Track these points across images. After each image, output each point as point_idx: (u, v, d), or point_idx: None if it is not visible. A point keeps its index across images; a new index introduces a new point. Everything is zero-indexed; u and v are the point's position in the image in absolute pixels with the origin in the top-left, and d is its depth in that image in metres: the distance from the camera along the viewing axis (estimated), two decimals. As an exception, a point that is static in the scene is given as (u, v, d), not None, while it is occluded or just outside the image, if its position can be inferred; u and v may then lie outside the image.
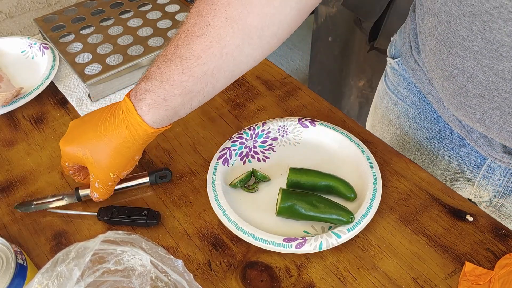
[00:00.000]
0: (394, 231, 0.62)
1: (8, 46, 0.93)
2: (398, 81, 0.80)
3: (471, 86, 0.56)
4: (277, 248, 0.58)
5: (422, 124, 0.78)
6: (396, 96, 0.80)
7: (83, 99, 0.84)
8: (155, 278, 0.47)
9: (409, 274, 0.58)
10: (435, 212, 0.64)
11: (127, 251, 0.46)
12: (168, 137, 0.76)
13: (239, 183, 0.66)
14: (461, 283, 0.56)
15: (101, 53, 0.86)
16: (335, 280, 0.58)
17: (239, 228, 0.60)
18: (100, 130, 0.59)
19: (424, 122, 0.77)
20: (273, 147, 0.73)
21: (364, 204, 0.62)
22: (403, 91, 0.79)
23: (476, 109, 0.58)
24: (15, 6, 1.64)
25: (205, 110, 0.80)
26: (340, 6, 1.54)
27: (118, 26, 0.93)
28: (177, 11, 0.96)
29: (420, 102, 0.76)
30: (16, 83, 0.86)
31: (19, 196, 0.69)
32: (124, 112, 0.58)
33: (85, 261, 0.43)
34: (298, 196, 0.62)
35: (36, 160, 0.74)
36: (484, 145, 0.67)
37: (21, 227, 0.65)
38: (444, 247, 0.60)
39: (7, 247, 0.54)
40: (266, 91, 0.83)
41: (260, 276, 0.58)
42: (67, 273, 0.42)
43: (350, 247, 0.61)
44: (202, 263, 0.60)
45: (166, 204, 0.67)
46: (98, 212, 0.64)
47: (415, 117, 0.78)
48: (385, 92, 0.83)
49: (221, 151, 0.70)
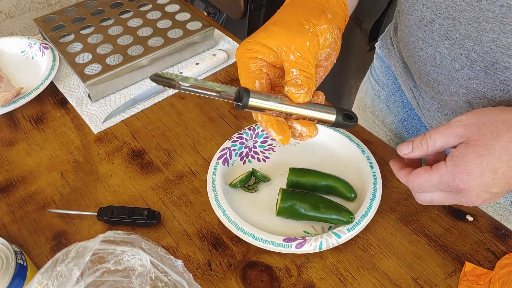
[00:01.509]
0: (394, 231, 0.62)
1: (8, 46, 0.93)
2: (378, 65, 0.84)
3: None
4: (277, 248, 0.58)
5: (391, 107, 0.82)
6: (374, 79, 0.85)
7: (83, 99, 0.84)
8: (155, 278, 0.47)
9: (409, 274, 0.58)
10: (435, 212, 0.64)
11: (127, 251, 0.46)
12: (168, 137, 0.76)
13: (239, 183, 0.66)
14: (461, 283, 0.56)
15: (101, 53, 0.86)
16: (335, 280, 0.58)
17: (239, 228, 0.60)
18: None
19: (393, 105, 0.81)
20: (273, 147, 0.73)
21: (364, 204, 0.62)
22: (380, 75, 0.83)
23: (429, 42, 0.61)
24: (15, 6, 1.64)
25: (205, 110, 0.80)
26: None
27: (118, 26, 0.93)
28: (177, 11, 0.96)
29: (392, 85, 0.80)
30: (16, 83, 0.86)
31: (19, 196, 0.69)
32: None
33: (85, 261, 0.43)
34: (298, 196, 0.62)
35: (36, 160, 0.74)
36: (434, 123, 0.71)
37: (21, 227, 0.65)
38: (444, 247, 0.60)
39: (7, 247, 0.54)
40: (266, 91, 0.83)
41: (260, 276, 0.58)
42: (67, 273, 0.42)
43: (350, 247, 0.61)
44: (202, 263, 0.60)
45: (166, 204, 0.67)
46: (98, 212, 0.64)
47: (386, 100, 0.82)
48: (368, 77, 0.87)
49: (221, 151, 0.70)
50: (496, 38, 0.52)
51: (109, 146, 0.75)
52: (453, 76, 0.60)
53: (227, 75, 0.87)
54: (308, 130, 0.49)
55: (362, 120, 0.89)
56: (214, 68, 0.88)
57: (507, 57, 0.53)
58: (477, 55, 0.55)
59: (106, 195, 0.68)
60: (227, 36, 0.96)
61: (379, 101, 0.84)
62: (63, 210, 0.66)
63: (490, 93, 0.58)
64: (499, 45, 0.53)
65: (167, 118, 0.80)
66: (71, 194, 0.69)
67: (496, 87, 0.57)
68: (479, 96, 0.59)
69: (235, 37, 0.96)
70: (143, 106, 0.82)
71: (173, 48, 0.87)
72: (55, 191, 0.69)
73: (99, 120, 0.80)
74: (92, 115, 0.81)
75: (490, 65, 0.55)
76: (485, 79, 0.57)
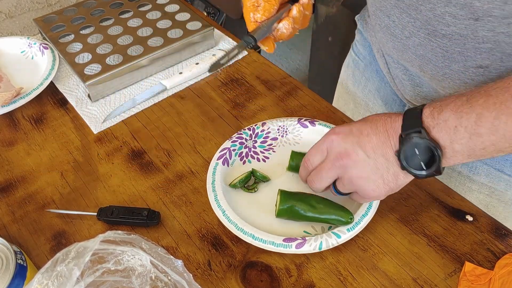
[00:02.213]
0: (394, 231, 0.62)
1: (8, 46, 0.93)
2: (358, 38, 0.89)
3: None
4: (277, 248, 0.58)
5: (368, 76, 0.87)
6: (355, 53, 0.90)
7: (83, 99, 0.84)
8: (155, 278, 0.47)
9: (409, 274, 0.58)
10: (435, 212, 0.64)
11: (127, 251, 0.46)
12: (168, 137, 0.76)
13: (239, 183, 0.66)
14: (461, 283, 0.56)
15: (101, 53, 0.86)
16: (335, 280, 0.58)
17: (239, 228, 0.60)
18: None
19: (369, 75, 0.87)
20: (273, 147, 0.73)
21: (364, 204, 0.62)
22: (360, 48, 0.89)
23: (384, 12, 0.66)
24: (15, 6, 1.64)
25: (205, 110, 0.81)
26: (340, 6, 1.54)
27: (118, 26, 0.93)
28: (177, 11, 0.96)
29: (369, 56, 0.86)
30: (16, 83, 0.86)
31: (18, 196, 0.69)
32: None
33: (85, 261, 0.43)
34: (297, 197, 0.62)
35: (36, 160, 0.74)
36: (401, 86, 0.76)
37: (21, 227, 0.65)
38: (444, 247, 0.60)
39: (7, 247, 0.54)
40: (266, 91, 0.83)
41: (260, 276, 0.58)
42: (67, 272, 0.42)
43: (350, 247, 0.61)
44: (202, 263, 0.60)
45: (166, 204, 0.67)
46: (98, 212, 0.64)
47: (365, 70, 0.87)
48: (350, 53, 0.93)
49: (221, 151, 0.70)
50: (432, 8, 0.57)
51: (109, 146, 0.75)
52: (405, 44, 0.65)
53: (227, 75, 0.87)
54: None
55: (342, 100, 0.95)
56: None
57: (443, 25, 0.57)
58: (420, 23, 0.60)
59: (106, 195, 0.68)
60: (227, 36, 0.96)
61: (358, 72, 0.89)
62: (63, 210, 0.66)
63: (434, 59, 0.63)
64: (435, 14, 0.57)
65: (167, 118, 0.80)
66: (71, 194, 0.69)
67: (438, 53, 0.61)
68: (426, 61, 0.64)
69: (235, 37, 0.96)
70: (143, 106, 0.82)
71: (173, 48, 0.87)
72: (55, 191, 0.69)
73: (99, 120, 0.80)
74: (92, 115, 0.81)
75: (431, 33, 0.60)
76: (429, 46, 0.62)
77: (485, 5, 0.52)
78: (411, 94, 0.75)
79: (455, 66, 0.61)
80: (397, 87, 0.78)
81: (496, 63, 0.57)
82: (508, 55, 0.56)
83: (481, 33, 0.55)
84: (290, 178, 0.68)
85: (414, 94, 0.74)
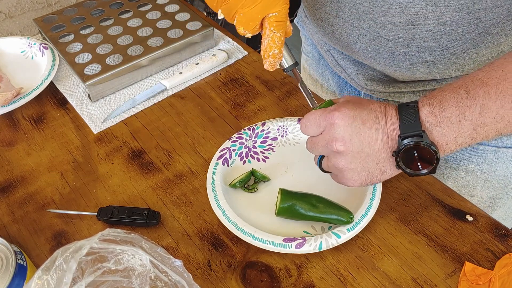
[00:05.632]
0: (394, 231, 0.62)
1: (8, 46, 0.93)
2: (303, 38, 0.93)
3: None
4: (277, 248, 0.58)
5: (321, 72, 0.91)
6: (305, 53, 0.94)
7: (83, 99, 0.84)
8: (155, 278, 0.47)
9: (409, 274, 0.58)
10: (435, 212, 0.64)
11: (127, 250, 0.46)
12: (168, 137, 0.76)
13: (238, 183, 0.66)
14: (461, 283, 0.56)
15: (101, 53, 0.86)
16: (335, 280, 0.58)
17: (239, 228, 0.60)
18: None
19: (322, 71, 0.91)
20: (273, 147, 0.73)
21: (364, 204, 0.62)
22: (307, 47, 0.92)
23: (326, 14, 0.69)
24: (14, 6, 1.64)
25: (205, 110, 0.81)
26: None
27: (117, 26, 0.93)
28: (177, 11, 0.96)
29: (316, 52, 0.90)
30: (16, 83, 0.86)
31: (18, 196, 0.69)
32: None
33: (82, 253, 0.43)
34: (298, 196, 0.62)
35: (35, 160, 0.74)
36: (353, 75, 0.79)
37: (21, 227, 0.65)
38: (444, 247, 0.60)
39: (7, 247, 0.54)
40: (266, 91, 0.83)
41: (260, 276, 0.58)
42: (64, 265, 0.43)
43: (350, 247, 0.61)
44: (202, 263, 0.60)
45: (166, 204, 0.67)
46: (98, 212, 0.64)
47: (317, 67, 0.91)
48: (301, 55, 0.97)
49: (220, 151, 0.70)
50: (373, 17, 0.62)
51: (109, 146, 0.75)
52: (351, 48, 0.69)
53: (227, 75, 0.87)
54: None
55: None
56: (213, 68, 0.88)
57: (386, 32, 0.62)
58: (364, 30, 0.64)
59: (106, 195, 0.68)
60: (227, 36, 0.96)
61: (313, 71, 0.94)
62: (63, 210, 0.66)
63: (383, 60, 0.68)
64: (377, 23, 0.62)
65: (167, 118, 0.80)
66: (71, 194, 0.69)
67: (385, 55, 0.67)
68: (375, 62, 0.69)
69: (235, 37, 0.96)
70: (143, 106, 0.82)
71: (172, 48, 0.87)
72: (54, 191, 0.69)
73: (99, 120, 0.80)
74: (92, 115, 0.81)
75: (376, 38, 0.64)
76: (375, 50, 0.66)
77: (420, 10, 0.58)
78: (364, 81, 0.78)
79: (403, 64, 0.67)
80: (350, 77, 0.80)
81: (439, 57, 0.64)
82: (448, 48, 0.62)
83: (421, 34, 0.61)
84: (290, 178, 0.68)
85: (367, 80, 0.77)
